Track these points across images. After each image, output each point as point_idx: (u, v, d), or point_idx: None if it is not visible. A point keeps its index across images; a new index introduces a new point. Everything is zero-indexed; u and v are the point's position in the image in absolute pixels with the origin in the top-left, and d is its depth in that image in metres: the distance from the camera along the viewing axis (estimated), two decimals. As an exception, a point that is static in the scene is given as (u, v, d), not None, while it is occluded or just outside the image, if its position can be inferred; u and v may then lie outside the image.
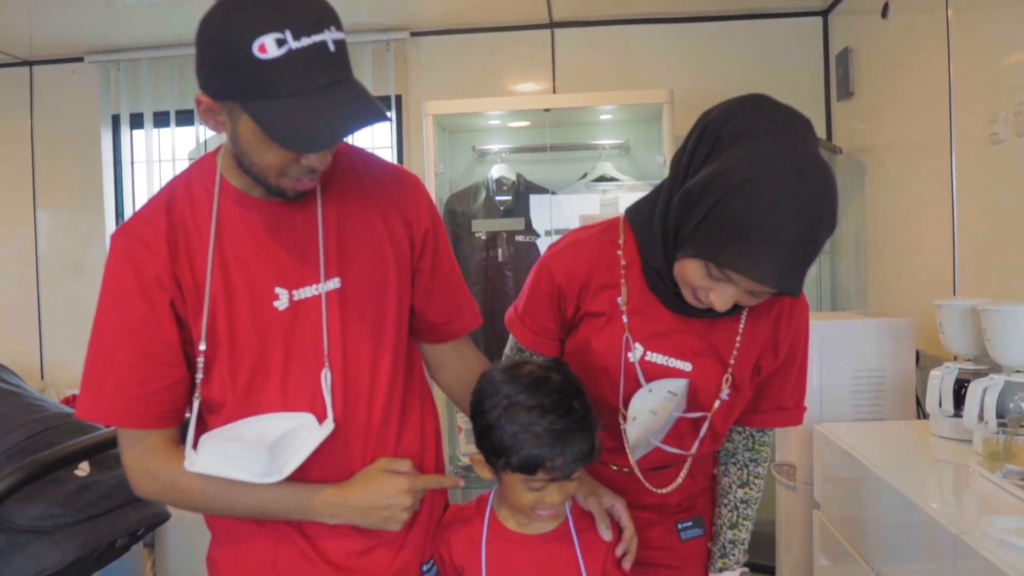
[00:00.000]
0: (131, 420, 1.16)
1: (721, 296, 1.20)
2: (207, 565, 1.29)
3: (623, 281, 1.36)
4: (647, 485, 1.39)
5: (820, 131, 3.61)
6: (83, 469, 1.43)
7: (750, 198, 1.10)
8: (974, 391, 1.78)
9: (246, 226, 1.18)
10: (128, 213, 4.19)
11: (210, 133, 4.04)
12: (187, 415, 1.20)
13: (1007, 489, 1.52)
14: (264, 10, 0.99)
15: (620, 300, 1.35)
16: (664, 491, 1.41)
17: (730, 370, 1.36)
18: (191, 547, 2.72)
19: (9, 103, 4.13)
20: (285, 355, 1.18)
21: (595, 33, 3.78)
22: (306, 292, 1.19)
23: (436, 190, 3.45)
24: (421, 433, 1.32)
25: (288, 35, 0.99)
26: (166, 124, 4.02)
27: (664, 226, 1.27)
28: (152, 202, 1.20)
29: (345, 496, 1.18)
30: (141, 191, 4.14)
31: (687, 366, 1.35)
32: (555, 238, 3.60)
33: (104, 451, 1.44)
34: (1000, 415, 1.74)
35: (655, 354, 1.35)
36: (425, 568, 1.32)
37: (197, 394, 1.16)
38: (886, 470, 1.73)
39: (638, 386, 1.35)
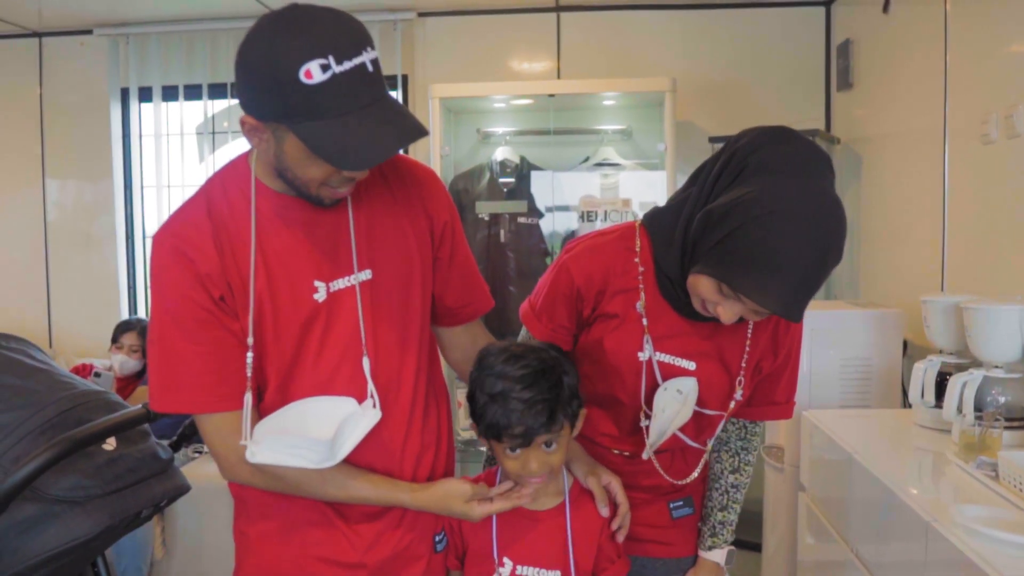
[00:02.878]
0: (214, 404, 1.21)
1: (728, 311, 1.28)
2: (235, 537, 1.37)
3: (641, 286, 1.43)
4: (666, 477, 1.49)
5: (819, 121, 3.67)
6: (110, 444, 1.51)
7: (768, 229, 1.18)
8: (954, 385, 1.86)
9: (284, 224, 1.24)
10: (136, 185, 4.24)
11: (218, 108, 4.09)
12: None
13: (979, 479, 1.61)
14: (307, 37, 1.05)
15: (639, 305, 1.43)
16: (682, 482, 1.51)
17: (742, 372, 1.46)
18: (199, 514, 2.82)
19: (19, 74, 4.17)
20: (321, 344, 1.25)
21: (600, 18, 3.82)
22: (340, 284, 1.26)
23: (441, 171, 3.51)
24: (437, 416, 1.42)
25: (331, 60, 1.05)
26: (175, 98, 4.07)
27: (684, 240, 1.34)
28: (190, 205, 1.25)
29: (426, 504, 1.31)
30: (149, 164, 4.19)
31: (691, 365, 1.44)
32: (556, 217, 3.72)
33: (132, 427, 1.52)
34: (978, 408, 1.83)
35: (662, 354, 1.44)
36: (437, 539, 1.42)
37: (248, 387, 1.20)
38: (868, 457, 1.82)
39: (654, 383, 1.44)
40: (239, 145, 4.08)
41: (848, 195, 3.43)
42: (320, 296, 1.25)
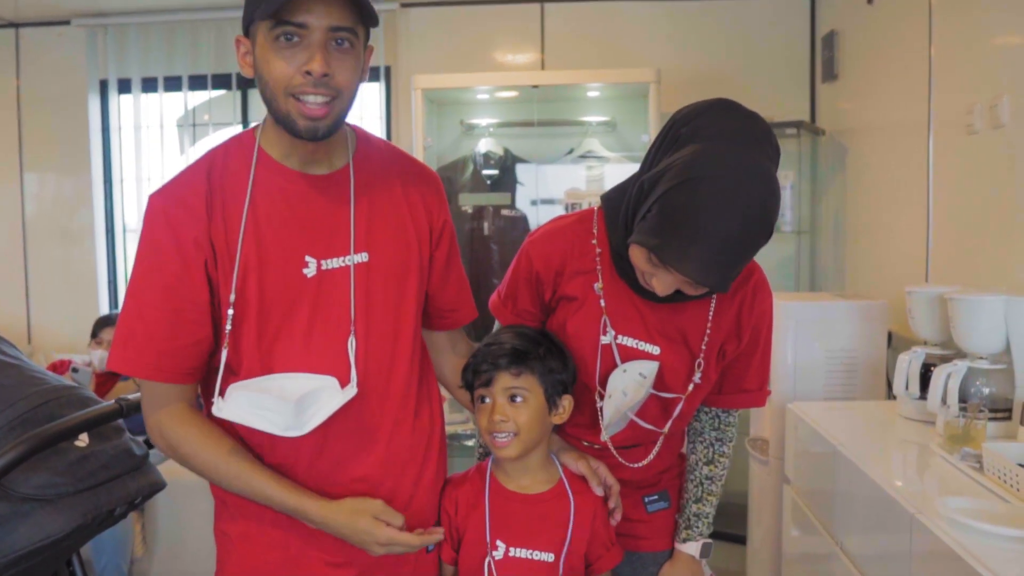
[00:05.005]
0: (156, 373, 1.22)
1: (661, 283, 1.27)
2: (216, 537, 1.35)
3: (598, 268, 1.44)
4: (619, 459, 1.48)
5: (804, 112, 3.66)
6: (83, 440, 1.48)
7: (691, 195, 1.18)
8: (938, 376, 1.85)
9: (281, 194, 1.25)
10: (116, 178, 4.19)
11: (199, 100, 4.04)
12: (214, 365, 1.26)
13: (963, 470, 1.61)
14: None
15: (597, 286, 1.44)
16: (637, 465, 1.49)
17: (701, 355, 1.44)
18: (177, 511, 2.79)
19: (-5, 65, 4.10)
20: (309, 321, 1.24)
21: (585, 9, 3.80)
22: (334, 263, 1.26)
23: (424, 161, 3.48)
24: (430, 416, 1.40)
25: None
26: (154, 90, 4.02)
27: (626, 213, 1.35)
28: (191, 168, 1.26)
29: (331, 517, 1.23)
30: (129, 156, 4.14)
31: (655, 349, 1.43)
32: (540, 209, 3.69)
33: (104, 423, 1.48)
34: (962, 400, 1.82)
35: (625, 337, 1.44)
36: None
37: (225, 343, 1.21)
38: (853, 449, 1.81)
39: (613, 366, 1.43)
40: (220, 137, 4.03)
41: (833, 186, 3.43)
42: (310, 271, 1.24)
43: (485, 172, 3.57)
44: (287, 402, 1.16)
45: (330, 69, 1.15)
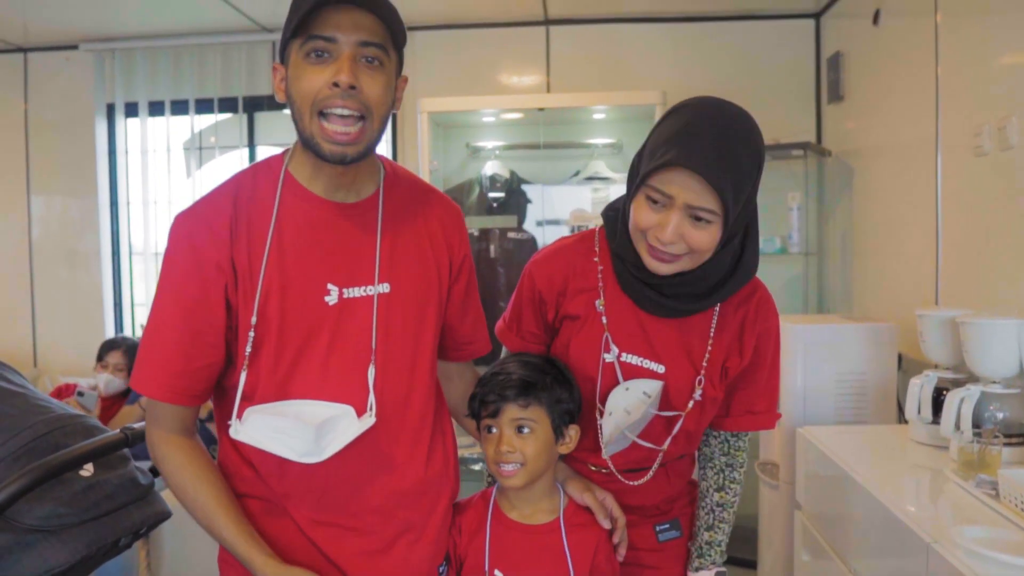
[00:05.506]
0: (168, 395, 1.22)
1: (668, 227, 1.27)
2: (220, 565, 1.34)
3: (600, 285, 1.44)
4: (620, 478, 1.46)
5: (810, 133, 3.66)
6: (87, 470, 1.46)
7: (674, 117, 1.31)
8: (951, 401, 1.83)
9: (306, 220, 1.24)
10: (122, 201, 4.20)
11: (205, 123, 4.06)
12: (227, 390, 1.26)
13: (979, 497, 1.58)
14: None
15: (598, 303, 1.44)
16: (636, 483, 1.47)
17: (703, 372, 1.43)
18: (183, 539, 2.76)
19: (3, 89, 4.13)
20: (327, 349, 1.24)
21: (590, 31, 3.81)
22: (355, 292, 1.26)
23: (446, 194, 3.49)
24: (443, 451, 1.39)
25: None
26: (161, 113, 4.04)
27: (624, 207, 1.38)
28: (218, 190, 1.26)
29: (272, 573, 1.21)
30: (135, 179, 4.15)
31: (660, 368, 1.42)
32: (547, 231, 3.69)
33: (109, 453, 1.47)
34: (976, 424, 1.80)
35: (630, 355, 1.43)
36: (441, 570, 1.39)
37: (245, 366, 1.21)
38: (865, 475, 1.78)
39: (615, 384, 1.42)
40: (226, 161, 4.05)
41: (840, 207, 3.42)
42: (332, 299, 1.24)
43: (491, 195, 3.57)
44: (308, 427, 1.15)
45: (358, 82, 1.16)
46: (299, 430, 1.15)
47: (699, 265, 1.34)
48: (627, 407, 1.39)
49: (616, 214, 1.42)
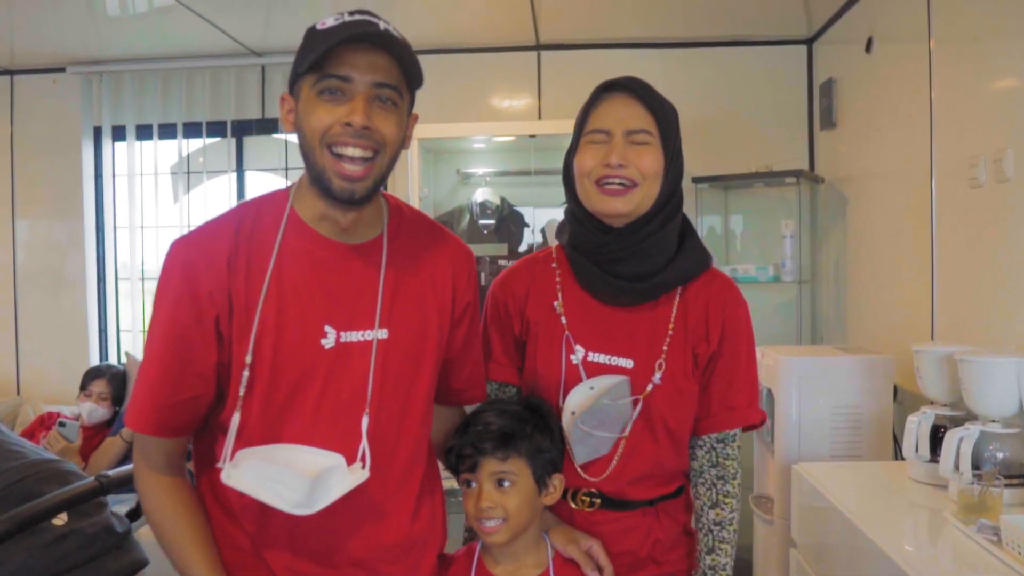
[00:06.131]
0: (155, 429, 1.19)
1: (612, 154, 1.35)
2: None
3: (559, 287, 1.47)
4: (582, 475, 1.43)
5: (803, 160, 3.64)
6: (61, 518, 1.41)
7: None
8: (950, 440, 1.80)
9: (308, 258, 1.22)
10: (109, 225, 4.15)
11: (193, 147, 4.02)
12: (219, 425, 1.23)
13: (980, 543, 1.54)
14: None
15: (556, 304, 1.45)
16: (597, 479, 1.43)
17: (663, 356, 1.41)
18: None
19: (-10, 112, 4.08)
20: (320, 393, 1.20)
21: (582, 56, 3.79)
22: (353, 336, 1.22)
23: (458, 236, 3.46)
24: (431, 508, 1.35)
25: (345, 15, 1.15)
26: (148, 137, 3.99)
27: (568, 188, 1.47)
28: (219, 219, 1.23)
29: None
30: (122, 203, 4.10)
31: (629, 362, 1.41)
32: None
33: (83, 503, 1.42)
34: (975, 464, 1.76)
35: (597, 354, 1.42)
36: None
37: (239, 407, 1.17)
38: (863, 517, 1.74)
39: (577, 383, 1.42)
40: (214, 185, 4.01)
41: (833, 235, 3.40)
42: (328, 342, 1.20)
43: (482, 221, 3.54)
44: (304, 477, 1.11)
45: (371, 123, 1.14)
46: (294, 481, 1.12)
47: (647, 221, 1.39)
48: (572, 405, 1.39)
49: (568, 214, 1.49)
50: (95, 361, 4.03)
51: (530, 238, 3.68)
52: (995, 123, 2.17)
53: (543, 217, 3.69)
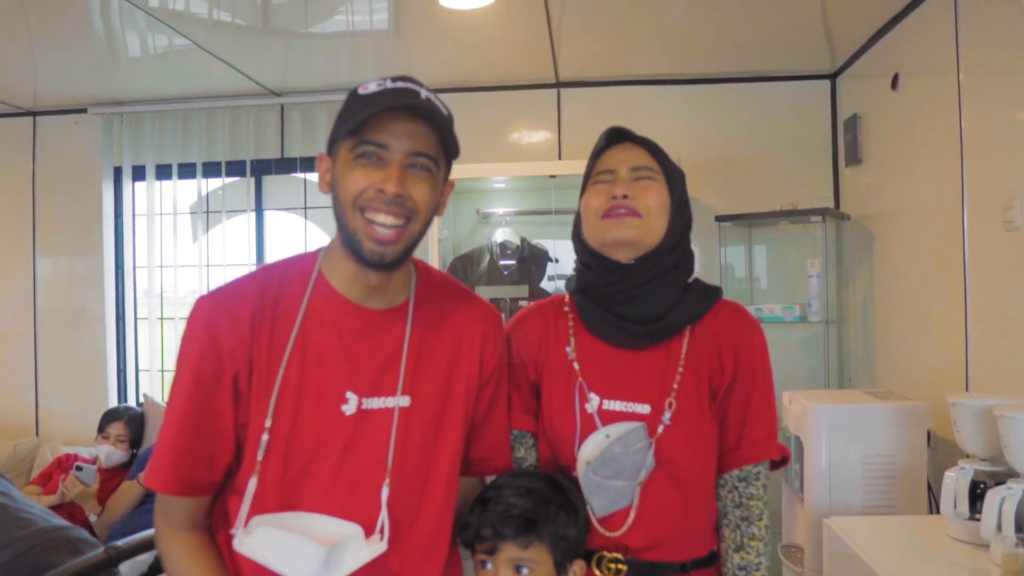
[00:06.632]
0: (175, 487, 1.16)
1: (619, 186, 1.38)
2: None
3: (571, 332, 1.44)
4: (599, 529, 1.36)
5: (828, 197, 3.58)
6: (70, 590, 1.38)
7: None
8: (992, 500, 1.72)
9: (333, 323, 1.21)
10: (128, 264, 4.16)
11: (213, 186, 4.02)
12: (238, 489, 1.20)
13: (1029, 615, 1.47)
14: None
15: (569, 349, 1.43)
16: (616, 533, 1.36)
17: (673, 394, 1.36)
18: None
19: (12, 152, 4.11)
20: (339, 461, 1.18)
21: (602, 94, 3.76)
22: (375, 403, 1.21)
23: (439, 254, 3.41)
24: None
25: (388, 81, 1.18)
26: (168, 176, 4.00)
27: (579, 239, 1.48)
28: (246, 278, 1.24)
29: None
30: (141, 242, 4.11)
31: (646, 408, 1.36)
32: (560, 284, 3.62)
33: (93, 575, 1.38)
34: (1019, 526, 1.68)
35: (612, 401, 1.37)
36: None
37: (256, 471, 1.15)
38: (900, 581, 1.67)
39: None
40: (233, 225, 4.01)
41: (860, 273, 3.33)
42: (349, 409, 1.19)
43: (502, 262, 3.49)
44: (319, 547, 1.08)
45: (405, 190, 1.14)
46: (309, 550, 1.09)
47: (650, 263, 1.38)
48: (586, 454, 1.35)
49: (576, 263, 1.50)
50: (113, 401, 4.01)
51: (552, 270, 3.63)
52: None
53: (562, 250, 3.65)
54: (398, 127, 1.14)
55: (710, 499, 1.43)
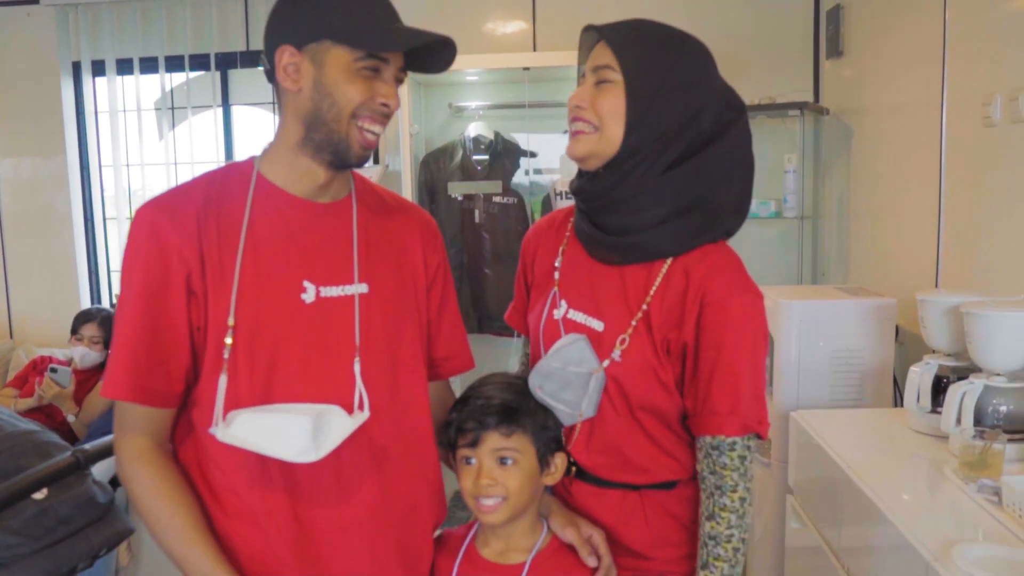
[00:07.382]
0: (133, 393, 1.15)
1: (573, 96, 1.32)
2: None
3: (565, 241, 1.43)
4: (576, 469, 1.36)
5: (808, 91, 3.51)
6: (40, 492, 1.38)
7: None
8: (953, 395, 1.75)
9: (280, 217, 1.22)
10: (94, 162, 4.05)
11: (177, 81, 3.89)
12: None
13: (980, 504, 1.52)
14: None
15: (558, 256, 1.42)
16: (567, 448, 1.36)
17: (631, 327, 1.29)
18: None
19: (-38, 46, 3.93)
20: (306, 347, 1.19)
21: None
22: (333, 291, 1.22)
23: (411, 150, 3.34)
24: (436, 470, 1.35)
25: None
26: (129, 71, 3.86)
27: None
28: (187, 184, 1.24)
29: None
30: (106, 141, 3.99)
31: (600, 324, 1.32)
32: (536, 192, 3.58)
33: (60, 479, 1.39)
34: (978, 419, 1.73)
35: (577, 312, 1.36)
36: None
37: (224, 369, 1.15)
38: (860, 471, 1.71)
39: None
40: (200, 121, 3.89)
41: (837, 169, 3.30)
42: (308, 297, 1.20)
43: (475, 157, 3.43)
44: (305, 419, 1.09)
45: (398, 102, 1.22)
46: (294, 426, 1.09)
47: (615, 169, 1.30)
48: (555, 366, 1.34)
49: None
50: (86, 303, 3.99)
51: (527, 165, 3.58)
52: (1014, 59, 2.06)
53: (537, 145, 3.58)
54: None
55: (676, 433, 1.35)
